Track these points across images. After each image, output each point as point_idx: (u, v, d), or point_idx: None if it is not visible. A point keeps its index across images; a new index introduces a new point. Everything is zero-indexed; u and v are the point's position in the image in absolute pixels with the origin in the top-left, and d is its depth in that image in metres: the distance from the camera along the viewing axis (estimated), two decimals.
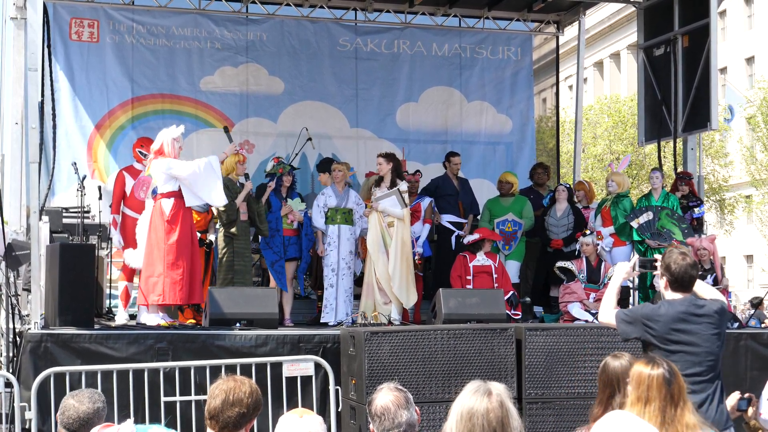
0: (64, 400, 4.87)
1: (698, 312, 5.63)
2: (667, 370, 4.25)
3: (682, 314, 5.60)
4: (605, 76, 45.44)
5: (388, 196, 10.93)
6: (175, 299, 9.79)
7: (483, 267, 11.57)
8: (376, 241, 10.92)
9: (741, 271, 40.11)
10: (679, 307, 5.64)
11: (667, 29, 13.89)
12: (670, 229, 11.80)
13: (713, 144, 32.32)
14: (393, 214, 10.96)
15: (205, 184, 9.89)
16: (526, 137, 16.38)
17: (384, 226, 10.93)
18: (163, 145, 9.93)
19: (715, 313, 5.65)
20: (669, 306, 5.67)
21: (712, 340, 5.61)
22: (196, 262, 9.97)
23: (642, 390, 4.23)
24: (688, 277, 5.72)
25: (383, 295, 10.89)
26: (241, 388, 4.22)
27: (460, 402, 3.69)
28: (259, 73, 15.17)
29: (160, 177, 9.86)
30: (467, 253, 11.68)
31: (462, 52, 16.00)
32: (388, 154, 11.31)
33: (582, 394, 8.54)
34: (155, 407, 8.64)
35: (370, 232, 10.98)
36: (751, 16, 40.56)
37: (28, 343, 8.89)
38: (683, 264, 5.72)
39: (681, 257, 5.74)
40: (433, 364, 8.46)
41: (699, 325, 5.61)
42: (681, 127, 13.54)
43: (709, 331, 5.61)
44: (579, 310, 11.22)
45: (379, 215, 10.96)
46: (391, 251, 10.87)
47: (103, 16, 14.47)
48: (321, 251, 11.24)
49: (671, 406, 4.17)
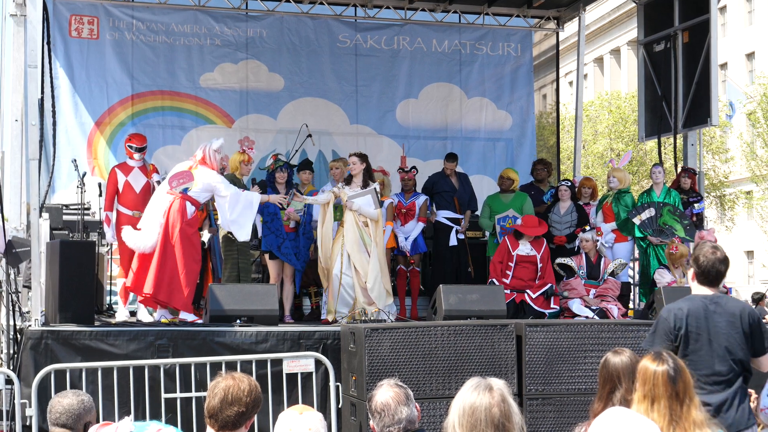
0: (49, 403, 4.89)
1: (718, 309, 5.55)
2: (672, 367, 4.21)
3: (702, 310, 5.53)
4: (605, 72, 45.42)
5: (362, 195, 10.77)
6: (162, 295, 9.86)
7: (527, 257, 11.51)
8: (355, 241, 10.69)
9: (741, 266, 40.11)
10: (699, 302, 5.57)
11: (667, 25, 13.87)
12: (671, 226, 11.80)
13: (713, 140, 32.31)
14: (367, 214, 10.75)
15: (239, 214, 10.09)
16: (527, 133, 16.38)
17: (361, 225, 10.80)
18: (206, 156, 10.14)
19: (739, 313, 5.55)
20: (689, 302, 5.59)
21: (734, 338, 5.51)
22: (192, 270, 10.03)
23: (648, 388, 4.20)
24: (715, 272, 5.61)
25: (366, 295, 10.69)
26: (239, 387, 4.17)
27: (461, 398, 3.68)
28: (258, 69, 15.17)
29: (201, 185, 10.06)
30: (509, 239, 11.57)
31: (462, 48, 16.00)
32: (362, 154, 11.11)
33: (582, 390, 8.53)
34: (156, 404, 8.64)
35: (348, 232, 10.70)
36: (751, 11, 40.53)
37: (28, 340, 8.90)
38: (712, 258, 5.62)
39: (711, 251, 5.64)
40: (434, 360, 8.45)
41: (719, 323, 5.52)
42: (681, 123, 13.53)
43: (731, 330, 5.52)
44: (579, 307, 11.22)
45: (353, 214, 10.75)
46: (372, 254, 10.68)
47: (102, 13, 14.47)
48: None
49: (677, 404, 4.15)
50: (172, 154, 14.12)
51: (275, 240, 10.97)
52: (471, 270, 12.33)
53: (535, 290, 11.30)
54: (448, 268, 12.22)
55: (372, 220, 10.77)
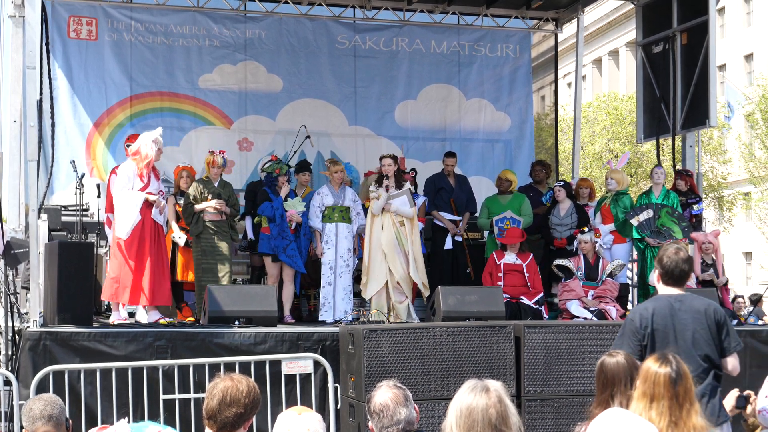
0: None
1: (683, 307, 5.65)
2: (675, 370, 4.22)
3: (668, 309, 5.62)
4: (604, 74, 45.43)
5: (400, 196, 11.00)
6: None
7: (513, 265, 11.59)
8: (392, 242, 10.95)
9: (740, 268, 40.10)
10: (665, 301, 5.67)
11: (665, 26, 13.88)
12: (669, 227, 11.80)
13: (712, 141, 32.31)
14: (404, 213, 11.03)
15: (120, 209, 10.06)
16: (525, 135, 16.39)
17: (398, 225, 10.97)
18: (139, 148, 10.09)
19: (704, 309, 5.65)
20: (655, 302, 5.70)
21: (699, 334, 5.61)
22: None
23: (648, 386, 4.22)
24: (679, 271, 5.72)
25: (398, 294, 10.92)
26: (238, 388, 4.17)
27: (458, 400, 3.69)
28: (257, 70, 15.17)
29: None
30: (495, 252, 11.75)
31: (460, 49, 16.01)
32: (394, 156, 11.41)
33: (581, 391, 8.54)
34: (154, 405, 8.64)
35: (385, 233, 10.95)
36: (749, 13, 40.54)
37: (27, 341, 8.89)
38: (675, 258, 5.73)
39: (674, 251, 5.76)
40: (432, 361, 8.46)
41: (684, 319, 5.62)
42: (680, 124, 13.54)
43: (696, 326, 5.62)
44: (578, 308, 11.21)
45: (391, 216, 10.99)
46: (410, 252, 10.97)
47: (101, 14, 14.47)
48: (320, 252, 11.23)
49: (677, 407, 4.16)
50: (171, 155, 14.09)
51: (281, 242, 10.97)
52: (471, 271, 12.33)
53: (529, 298, 11.38)
54: (446, 270, 12.22)
55: (408, 218, 11.01)
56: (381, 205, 10.98)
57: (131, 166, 10.06)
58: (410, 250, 11.01)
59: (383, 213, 11.02)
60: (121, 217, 9.97)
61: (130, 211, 9.90)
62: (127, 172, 10.05)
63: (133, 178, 10.00)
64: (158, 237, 10.10)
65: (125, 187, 9.98)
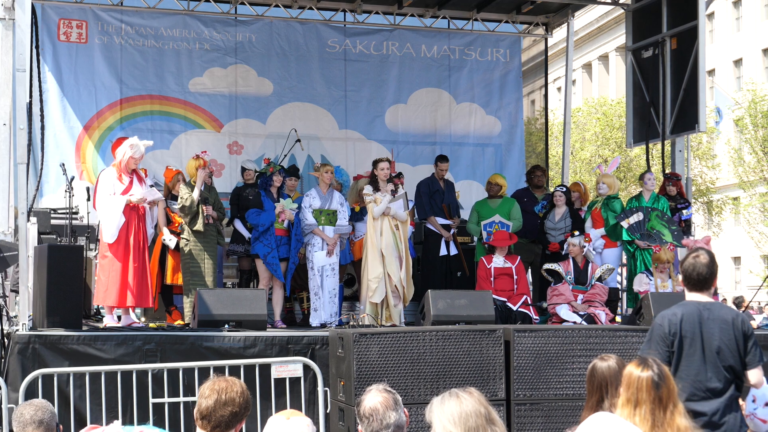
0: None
1: (711, 316, 5.53)
2: (657, 373, 4.23)
3: (696, 316, 5.51)
4: (594, 78, 45.53)
5: (398, 200, 11.10)
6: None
7: (503, 269, 11.65)
8: (390, 246, 11.00)
9: (728, 272, 40.20)
10: (693, 308, 5.55)
11: (655, 31, 13.94)
12: (659, 231, 11.82)
13: (701, 146, 32.41)
14: (400, 217, 11.13)
15: (104, 214, 10.16)
16: (515, 139, 16.42)
17: (394, 228, 11.03)
18: (117, 152, 10.23)
19: (731, 319, 5.52)
20: (683, 307, 5.58)
21: (725, 344, 5.49)
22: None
23: (631, 392, 4.22)
24: (696, 275, 5.60)
25: (395, 298, 11.00)
26: (232, 388, 4.24)
27: (446, 412, 3.67)
28: (247, 74, 15.16)
29: None
30: (484, 257, 11.82)
31: (451, 53, 16.04)
32: (389, 160, 11.49)
33: (570, 395, 8.54)
34: (144, 409, 8.62)
35: (384, 237, 11.00)
36: (739, 18, 40.68)
37: (15, 345, 8.87)
38: (692, 262, 5.61)
39: (693, 256, 5.64)
40: (422, 365, 8.45)
41: (712, 329, 5.50)
42: (669, 129, 13.59)
43: (723, 336, 5.50)
44: (567, 312, 11.23)
45: (389, 219, 11.06)
46: (403, 255, 11.07)
47: (91, 17, 14.44)
48: (329, 251, 11.23)
49: (660, 409, 4.17)
50: (161, 158, 14.10)
51: (263, 249, 11.03)
52: (467, 270, 12.31)
53: (514, 302, 11.40)
54: (438, 275, 12.23)
55: (401, 222, 11.14)
56: (382, 209, 11.01)
57: (112, 172, 10.21)
58: (403, 254, 11.08)
59: (381, 217, 11.05)
60: (106, 221, 10.10)
61: (113, 214, 10.02)
62: (108, 177, 10.19)
63: (114, 183, 10.10)
64: (143, 242, 10.16)
65: (107, 192, 10.08)
